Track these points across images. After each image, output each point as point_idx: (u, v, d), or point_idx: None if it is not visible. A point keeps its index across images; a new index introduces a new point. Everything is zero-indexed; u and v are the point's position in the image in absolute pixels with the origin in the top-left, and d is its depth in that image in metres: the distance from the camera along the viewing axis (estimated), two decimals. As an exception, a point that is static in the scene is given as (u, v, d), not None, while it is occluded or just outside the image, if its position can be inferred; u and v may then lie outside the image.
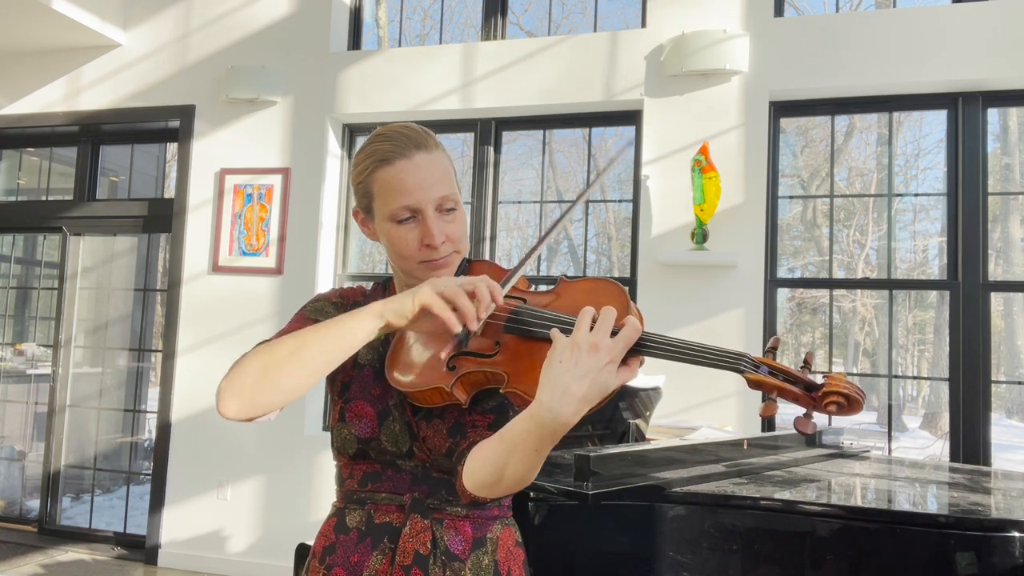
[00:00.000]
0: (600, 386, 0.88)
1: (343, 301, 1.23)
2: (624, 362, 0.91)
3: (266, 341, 1.09)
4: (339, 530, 1.16)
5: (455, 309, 0.98)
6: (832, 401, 0.89)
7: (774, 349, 0.95)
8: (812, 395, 0.91)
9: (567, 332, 0.96)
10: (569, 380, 0.88)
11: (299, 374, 1.00)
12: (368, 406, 1.15)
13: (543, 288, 1.15)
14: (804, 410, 0.92)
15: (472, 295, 0.99)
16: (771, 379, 0.92)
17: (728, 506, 1.73)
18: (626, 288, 1.04)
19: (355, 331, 1.01)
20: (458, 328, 0.98)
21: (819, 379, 0.92)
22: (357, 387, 1.16)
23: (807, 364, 0.93)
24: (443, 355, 1.03)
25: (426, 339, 1.10)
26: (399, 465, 1.15)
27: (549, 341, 0.98)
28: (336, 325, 1.02)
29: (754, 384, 0.92)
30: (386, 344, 1.18)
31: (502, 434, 0.98)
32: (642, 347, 0.93)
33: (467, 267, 1.19)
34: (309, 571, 1.18)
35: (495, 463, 0.98)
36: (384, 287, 1.27)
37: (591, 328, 0.90)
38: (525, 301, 1.09)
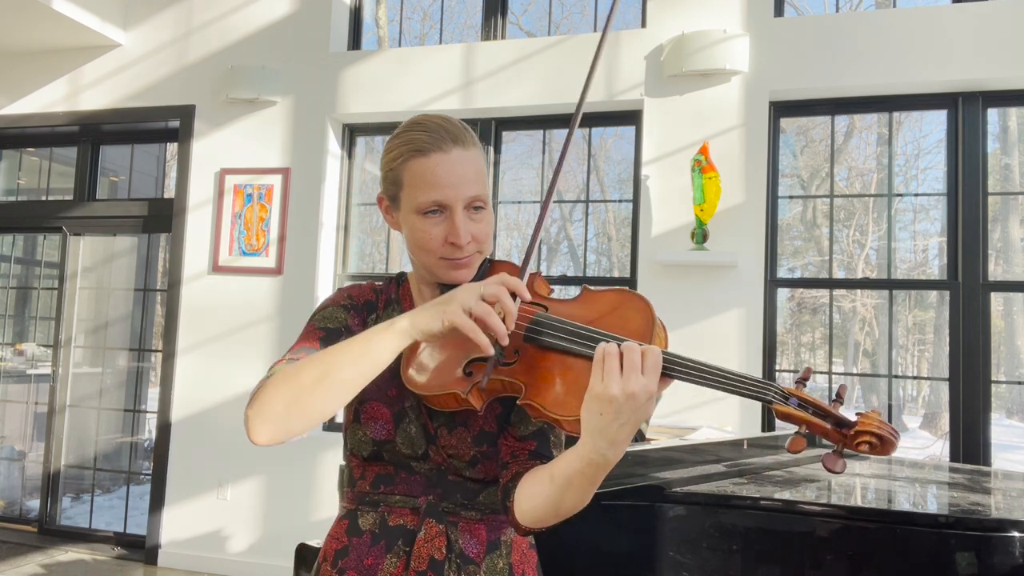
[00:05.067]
0: (643, 419, 0.90)
1: (352, 302, 1.18)
2: None
3: (282, 361, 1.05)
4: (351, 532, 1.13)
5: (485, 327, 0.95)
6: (864, 441, 0.86)
7: (804, 380, 0.92)
8: (843, 432, 0.87)
9: (589, 348, 0.94)
10: (615, 430, 0.89)
11: (329, 399, 0.96)
12: (384, 407, 1.12)
13: (556, 293, 1.12)
14: (834, 446, 0.88)
15: (495, 303, 0.95)
16: (800, 412, 0.88)
17: (728, 506, 1.73)
18: (650, 301, 1.01)
19: (381, 350, 0.97)
20: (491, 350, 0.94)
21: (851, 415, 0.89)
22: (372, 387, 1.11)
23: (839, 398, 0.90)
24: (483, 381, 0.98)
25: (444, 342, 1.06)
26: (413, 467, 1.13)
27: (568, 354, 0.96)
28: (362, 344, 0.98)
29: (782, 416, 0.89)
30: None
31: (552, 473, 0.98)
32: (669, 372, 0.92)
33: (488, 267, 1.15)
34: (320, 575, 1.15)
35: (549, 500, 0.99)
36: (397, 283, 1.23)
37: (620, 370, 0.88)
38: (547, 309, 1.04)
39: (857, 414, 0.89)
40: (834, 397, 0.90)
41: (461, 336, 0.96)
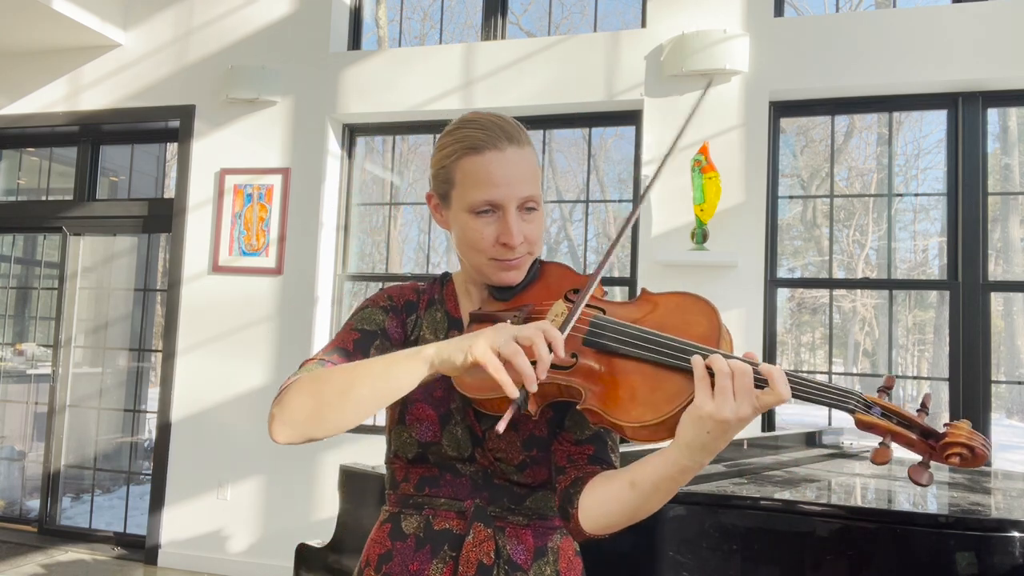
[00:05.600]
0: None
1: (392, 303, 1.16)
2: None
3: (314, 360, 1.05)
4: (395, 536, 1.10)
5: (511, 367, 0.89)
6: (954, 453, 0.82)
7: (888, 388, 0.88)
8: (930, 443, 0.84)
9: (655, 353, 0.91)
10: (720, 444, 0.87)
11: (349, 413, 0.95)
12: (430, 409, 1.09)
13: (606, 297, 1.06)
14: (920, 457, 0.85)
15: (530, 350, 0.88)
16: (884, 422, 0.84)
17: (728, 506, 1.73)
18: (716, 305, 0.98)
19: (402, 376, 0.94)
20: (515, 393, 0.87)
21: (939, 426, 0.85)
22: (418, 389, 1.07)
23: (924, 407, 0.86)
24: (500, 425, 0.89)
25: None
26: (459, 469, 1.10)
27: (631, 358, 0.93)
28: (385, 366, 0.95)
29: (864, 426, 0.85)
30: None
31: (634, 480, 0.95)
32: (760, 385, 0.89)
33: (539, 268, 1.13)
34: None
35: (628, 507, 0.97)
36: (442, 283, 1.20)
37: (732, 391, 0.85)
38: (604, 312, 1.01)
39: (945, 424, 0.85)
40: (919, 407, 0.86)
41: (492, 381, 0.92)
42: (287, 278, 4.23)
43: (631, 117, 3.92)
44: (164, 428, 4.38)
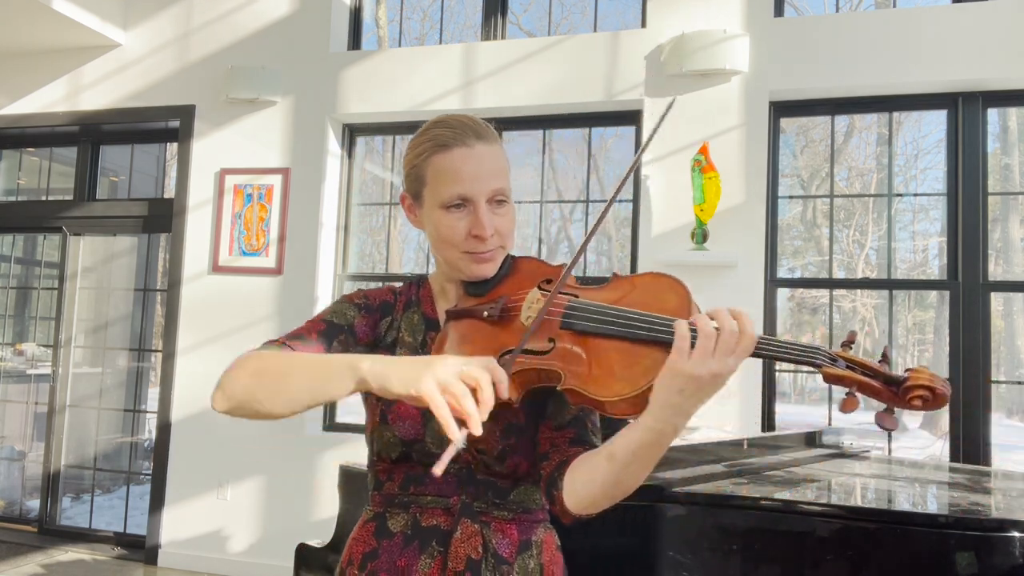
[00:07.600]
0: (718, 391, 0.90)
1: (367, 302, 1.18)
2: None
3: (277, 342, 1.07)
4: (380, 535, 1.12)
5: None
6: (917, 396, 0.87)
7: (851, 343, 0.93)
8: (893, 389, 0.88)
9: (632, 330, 0.93)
10: (692, 405, 0.89)
11: (280, 402, 0.97)
12: (412, 407, 1.09)
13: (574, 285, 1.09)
14: (884, 405, 0.89)
15: (475, 391, 0.87)
16: (849, 373, 0.89)
17: (728, 506, 1.73)
18: (684, 281, 1.02)
19: (335, 381, 0.94)
20: (457, 435, 0.85)
21: (900, 373, 0.90)
22: None
23: (885, 358, 0.90)
24: (438, 468, 0.85)
25: (472, 337, 1.07)
26: None
27: (608, 337, 0.96)
28: (323, 366, 0.96)
29: (831, 379, 0.90)
30: (424, 345, 1.15)
31: (612, 452, 0.98)
32: None
33: (512, 263, 1.16)
34: None
35: (609, 481, 0.99)
36: (418, 285, 1.23)
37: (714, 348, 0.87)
38: (577, 297, 1.04)
39: (906, 370, 0.89)
40: (880, 358, 0.91)
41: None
42: (287, 278, 4.23)
43: (631, 117, 3.92)
44: (164, 428, 4.38)
